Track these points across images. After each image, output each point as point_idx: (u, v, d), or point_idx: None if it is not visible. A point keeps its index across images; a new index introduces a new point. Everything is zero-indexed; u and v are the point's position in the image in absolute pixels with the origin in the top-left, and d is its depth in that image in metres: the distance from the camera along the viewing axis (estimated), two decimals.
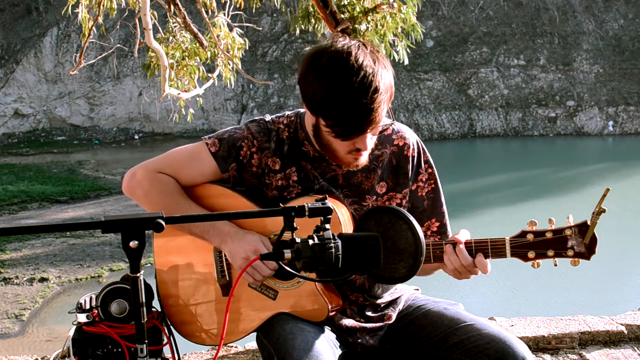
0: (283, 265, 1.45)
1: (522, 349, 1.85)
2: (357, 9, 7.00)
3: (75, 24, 26.03)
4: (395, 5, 6.80)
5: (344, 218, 1.92)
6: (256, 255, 1.86)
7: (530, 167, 23.31)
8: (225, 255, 1.98)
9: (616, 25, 31.30)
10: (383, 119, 1.86)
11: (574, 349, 3.10)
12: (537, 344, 3.10)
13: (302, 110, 2.05)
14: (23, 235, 5.15)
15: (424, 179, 2.08)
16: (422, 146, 2.09)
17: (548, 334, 3.12)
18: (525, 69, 30.30)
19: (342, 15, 6.98)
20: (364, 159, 1.94)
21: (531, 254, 1.84)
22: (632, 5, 31.45)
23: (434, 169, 2.11)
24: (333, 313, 1.97)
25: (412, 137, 2.08)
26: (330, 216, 1.45)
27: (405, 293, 2.15)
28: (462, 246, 1.87)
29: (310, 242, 1.39)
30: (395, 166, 2.05)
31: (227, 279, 1.99)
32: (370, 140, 1.89)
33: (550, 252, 1.83)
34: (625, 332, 3.18)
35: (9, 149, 27.40)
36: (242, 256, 1.89)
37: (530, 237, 1.84)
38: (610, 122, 29.14)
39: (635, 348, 3.10)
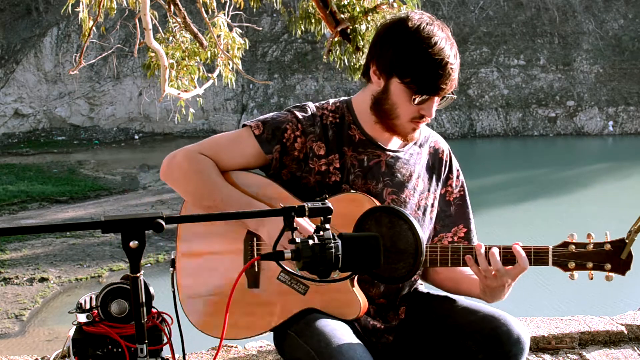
0: (283, 266, 1.45)
1: (518, 327, 1.86)
2: (357, 9, 6.99)
3: (75, 24, 26.05)
4: (395, 5, 6.80)
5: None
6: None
7: (530, 167, 23.31)
8: (256, 246, 1.95)
9: (616, 25, 31.30)
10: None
11: (574, 349, 3.10)
12: (537, 344, 3.10)
13: (345, 98, 2.09)
14: (23, 235, 5.14)
15: (453, 185, 2.13)
16: (452, 154, 2.17)
17: (548, 334, 3.12)
18: (525, 69, 30.30)
19: (342, 15, 6.98)
20: (418, 132, 2.01)
21: (572, 265, 1.89)
22: (632, 5, 31.45)
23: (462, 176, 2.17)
24: (364, 312, 1.95)
25: (444, 144, 2.17)
26: (330, 216, 1.44)
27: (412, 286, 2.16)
28: (495, 250, 1.87)
29: (310, 242, 1.39)
30: (431, 167, 2.10)
31: (256, 269, 1.95)
32: (434, 108, 1.95)
33: (590, 264, 1.89)
34: (625, 332, 3.18)
35: (9, 149, 27.39)
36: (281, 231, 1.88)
37: (572, 248, 1.89)
38: (610, 122, 29.14)
39: (635, 348, 3.10)
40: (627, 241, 1.86)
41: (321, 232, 1.40)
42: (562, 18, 31.28)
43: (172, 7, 7.60)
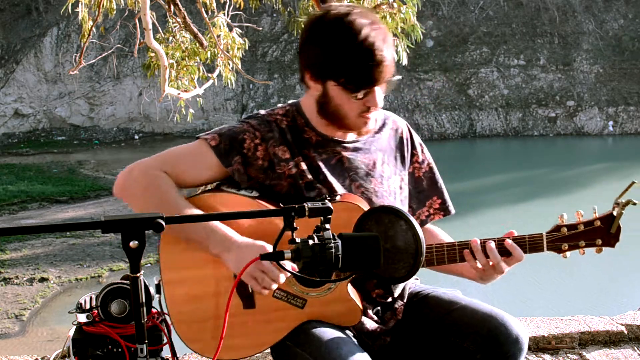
0: (283, 266, 1.45)
1: (517, 327, 1.84)
2: None
3: (75, 24, 26.05)
4: (395, 5, 6.79)
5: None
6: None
7: (530, 167, 23.29)
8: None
9: (616, 25, 31.28)
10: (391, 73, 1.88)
11: (574, 349, 3.10)
12: (537, 344, 3.10)
13: (293, 100, 2.05)
14: (23, 235, 5.13)
15: (419, 160, 2.12)
16: (411, 129, 2.15)
17: (548, 334, 3.12)
18: (525, 69, 30.28)
19: None
20: (372, 123, 1.96)
21: (565, 247, 1.93)
22: (632, 5, 31.44)
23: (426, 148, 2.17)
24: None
25: (402, 122, 2.14)
26: (330, 216, 1.44)
27: (408, 283, 2.14)
28: (492, 244, 1.88)
29: (310, 242, 1.39)
30: (394, 149, 2.08)
31: (250, 290, 1.88)
32: (380, 97, 1.89)
33: (582, 243, 1.94)
34: (625, 332, 3.18)
35: (9, 149, 27.37)
36: (251, 258, 1.81)
37: (564, 230, 1.93)
38: (610, 122, 29.12)
39: (635, 348, 3.10)
40: (615, 215, 1.92)
41: (321, 232, 1.40)
42: (562, 18, 31.26)
43: (172, 7, 7.59)
